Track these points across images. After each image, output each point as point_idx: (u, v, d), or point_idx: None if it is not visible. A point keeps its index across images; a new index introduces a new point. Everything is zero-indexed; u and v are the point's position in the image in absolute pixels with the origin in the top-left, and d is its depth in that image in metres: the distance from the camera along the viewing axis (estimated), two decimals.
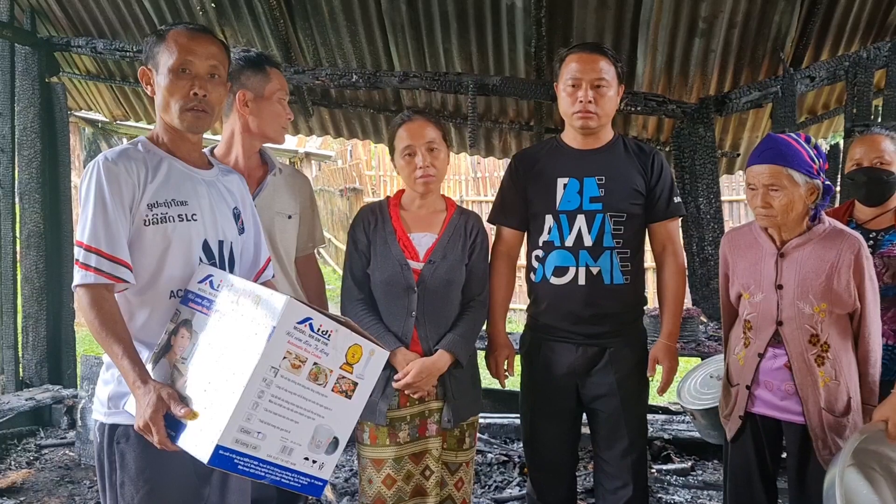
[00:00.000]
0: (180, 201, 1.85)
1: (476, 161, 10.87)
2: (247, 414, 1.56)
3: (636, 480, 2.59)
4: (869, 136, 2.71)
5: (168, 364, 1.75)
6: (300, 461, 1.68)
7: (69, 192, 5.11)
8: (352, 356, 1.72)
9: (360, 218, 2.55)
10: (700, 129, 4.34)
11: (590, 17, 4.14)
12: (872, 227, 2.65)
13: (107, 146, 9.06)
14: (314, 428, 1.68)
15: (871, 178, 2.63)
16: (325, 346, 1.66)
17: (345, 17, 4.45)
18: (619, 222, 2.52)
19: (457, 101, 4.91)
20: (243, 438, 1.57)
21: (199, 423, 1.61)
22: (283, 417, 1.62)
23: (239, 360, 1.59)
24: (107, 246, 1.73)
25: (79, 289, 1.74)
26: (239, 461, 1.57)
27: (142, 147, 1.88)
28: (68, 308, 5.04)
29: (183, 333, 1.76)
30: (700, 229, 4.37)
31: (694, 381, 3.11)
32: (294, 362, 1.61)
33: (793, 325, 2.32)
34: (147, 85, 1.90)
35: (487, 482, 3.95)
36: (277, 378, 1.59)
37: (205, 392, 1.64)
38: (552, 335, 2.60)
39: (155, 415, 1.63)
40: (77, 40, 4.94)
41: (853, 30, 4.19)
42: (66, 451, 4.37)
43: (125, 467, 1.79)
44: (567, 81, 2.52)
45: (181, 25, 1.89)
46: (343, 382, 1.71)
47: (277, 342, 1.58)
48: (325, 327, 1.65)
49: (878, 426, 2.21)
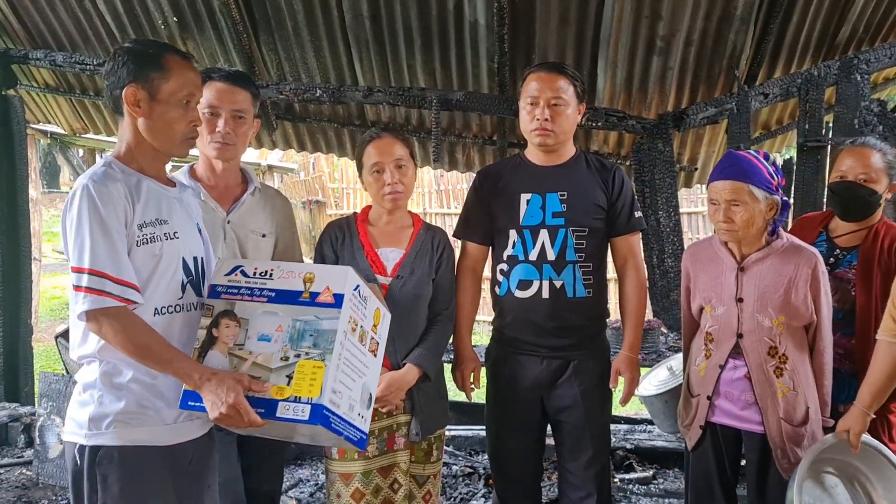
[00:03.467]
0: (163, 220, 1.86)
1: (439, 174, 10.92)
2: (334, 375, 1.74)
3: (600, 490, 2.64)
4: (860, 147, 2.58)
5: (220, 355, 1.83)
6: (356, 416, 1.85)
7: (27, 206, 5.01)
8: (376, 318, 1.95)
9: (327, 233, 2.57)
10: (659, 143, 4.44)
11: (551, 34, 4.21)
12: (841, 244, 2.60)
13: (63, 158, 8.91)
14: (362, 385, 1.86)
15: (852, 194, 2.54)
16: (365, 309, 1.88)
17: (309, 31, 4.46)
18: (582, 237, 2.56)
19: (420, 116, 4.94)
20: (334, 398, 1.75)
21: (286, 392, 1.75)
22: (349, 377, 1.82)
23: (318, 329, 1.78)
24: (113, 269, 1.72)
25: (99, 316, 1.71)
26: (332, 419, 1.75)
27: (116, 167, 1.85)
28: (25, 324, 4.94)
29: (227, 323, 1.85)
30: (660, 242, 4.45)
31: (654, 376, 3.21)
32: (352, 326, 1.82)
33: (752, 338, 2.39)
34: (135, 106, 1.84)
35: (453, 494, 3.96)
36: (346, 341, 1.80)
37: (287, 364, 1.77)
38: (517, 348, 2.64)
39: (238, 397, 1.70)
40: (35, 53, 4.86)
41: (805, 49, 4.32)
42: (23, 469, 4.28)
43: (107, 489, 1.78)
44: (526, 99, 2.57)
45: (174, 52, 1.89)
46: (371, 343, 1.90)
47: (348, 308, 1.80)
48: (364, 293, 1.86)
49: (841, 436, 2.31)
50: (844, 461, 2.40)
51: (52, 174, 18.51)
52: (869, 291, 2.50)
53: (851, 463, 2.40)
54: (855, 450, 2.32)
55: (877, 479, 2.39)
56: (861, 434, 2.30)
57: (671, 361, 3.24)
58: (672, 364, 3.21)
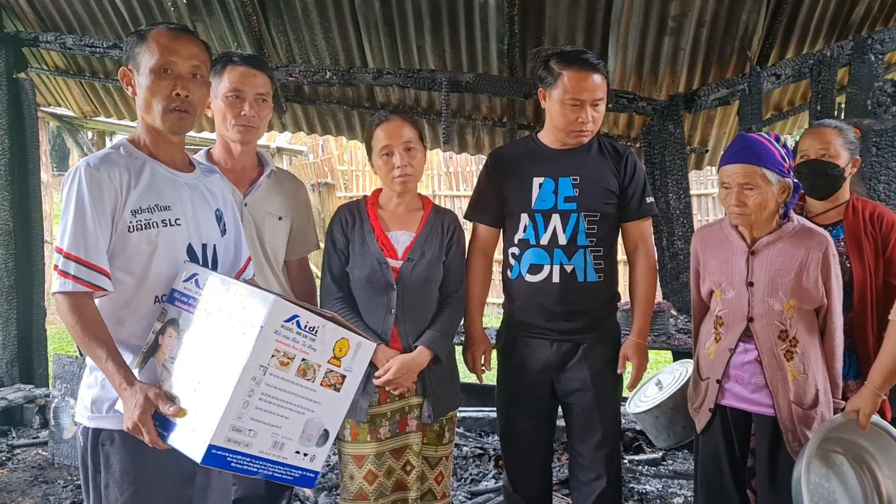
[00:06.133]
0: (164, 206, 1.85)
1: (449, 156, 10.89)
2: (238, 413, 1.58)
3: (610, 472, 2.65)
4: (817, 128, 2.70)
5: (157, 364, 1.76)
6: (292, 455, 1.71)
7: (38, 189, 5.04)
8: (339, 350, 1.74)
9: (337, 217, 2.57)
10: (669, 125, 4.42)
11: (562, 15, 4.18)
12: (821, 222, 2.62)
13: (72, 141, 8.91)
14: (304, 422, 1.71)
15: (814, 170, 2.62)
16: (312, 342, 1.67)
17: (318, 13, 4.45)
18: (593, 222, 2.56)
19: (430, 98, 4.93)
20: (235, 437, 1.59)
21: (191, 422, 1.63)
22: (274, 414, 1.65)
23: (228, 359, 1.61)
24: (85, 254, 1.73)
25: (58, 296, 1.74)
26: (232, 459, 1.60)
27: (123, 150, 1.86)
28: (39, 306, 4.98)
29: (171, 333, 1.76)
30: (670, 224, 4.45)
31: (643, 393, 3.23)
32: (282, 360, 1.63)
33: (763, 321, 2.39)
34: (128, 86, 1.88)
35: (463, 475, 3.99)
36: (266, 376, 1.61)
37: (195, 391, 1.65)
38: (527, 331, 2.65)
39: (143, 415, 1.65)
40: (45, 36, 4.87)
41: (817, 29, 4.28)
42: (38, 450, 4.34)
43: (110, 469, 1.81)
44: (567, 99, 2.51)
45: (162, 26, 1.87)
46: (331, 376, 1.73)
47: (265, 341, 1.59)
48: (312, 323, 1.67)
49: (851, 416, 2.32)
50: (851, 441, 2.42)
51: (61, 157, 18.53)
52: (862, 261, 2.55)
53: (858, 442, 2.42)
54: (864, 430, 2.33)
55: (882, 458, 2.42)
56: (871, 415, 2.31)
57: (660, 375, 3.24)
58: (661, 378, 3.21)
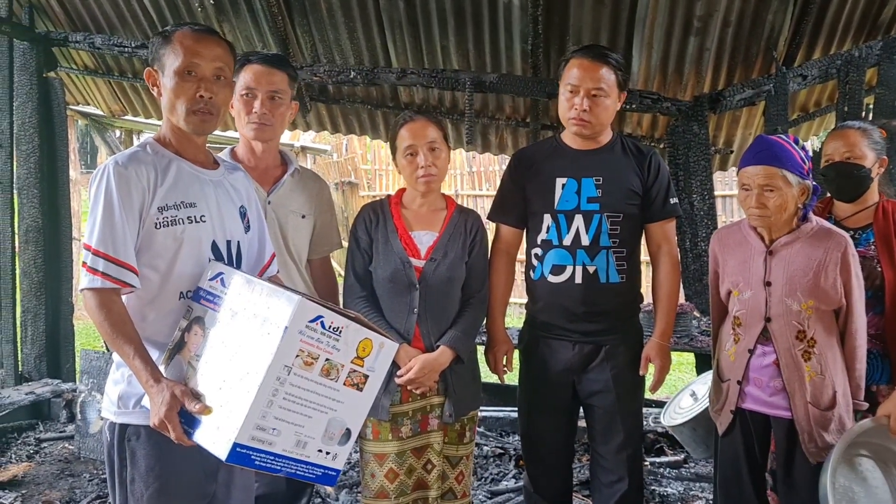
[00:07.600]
0: (189, 203, 1.88)
1: (472, 156, 10.89)
2: (262, 412, 1.60)
3: (631, 474, 2.64)
4: (840, 130, 2.67)
5: (182, 361, 1.78)
6: (314, 453, 1.73)
7: (67, 187, 5.12)
8: (362, 350, 1.75)
9: (361, 216, 2.59)
10: (694, 126, 4.38)
11: (586, 15, 4.17)
12: (850, 225, 2.61)
13: (100, 139, 9.04)
14: (327, 421, 1.73)
15: (840, 172, 2.59)
16: (336, 342, 1.69)
17: (343, 14, 4.47)
18: (616, 222, 2.56)
19: (454, 98, 4.94)
20: (259, 435, 1.61)
21: (216, 420, 1.65)
22: (297, 413, 1.67)
23: (253, 359, 1.63)
24: (114, 251, 1.76)
25: (86, 292, 1.77)
26: (256, 457, 1.62)
27: (150, 149, 1.89)
28: (67, 302, 5.07)
29: (196, 331, 1.79)
30: (694, 225, 4.42)
31: (677, 404, 3.20)
32: (307, 360, 1.65)
33: (781, 322, 2.37)
34: (153, 86, 1.91)
35: (483, 475, 4.00)
36: (291, 376, 1.63)
37: (220, 390, 1.67)
38: (549, 332, 2.65)
39: (169, 412, 1.68)
40: (75, 35, 4.94)
41: (845, 29, 4.23)
42: (65, 444, 4.40)
43: (135, 464, 1.84)
44: (567, 86, 2.54)
45: (186, 27, 1.89)
46: (354, 376, 1.75)
47: (290, 342, 1.61)
48: (336, 324, 1.69)
49: (881, 421, 2.30)
50: (882, 445, 2.39)
51: (90, 155, 18.77)
52: (893, 264, 2.51)
53: (889, 448, 2.39)
54: (894, 435, 2.30)
55: None
56: None
57: (693, 386, 3.22)
58: (694, 389, 3.19)
